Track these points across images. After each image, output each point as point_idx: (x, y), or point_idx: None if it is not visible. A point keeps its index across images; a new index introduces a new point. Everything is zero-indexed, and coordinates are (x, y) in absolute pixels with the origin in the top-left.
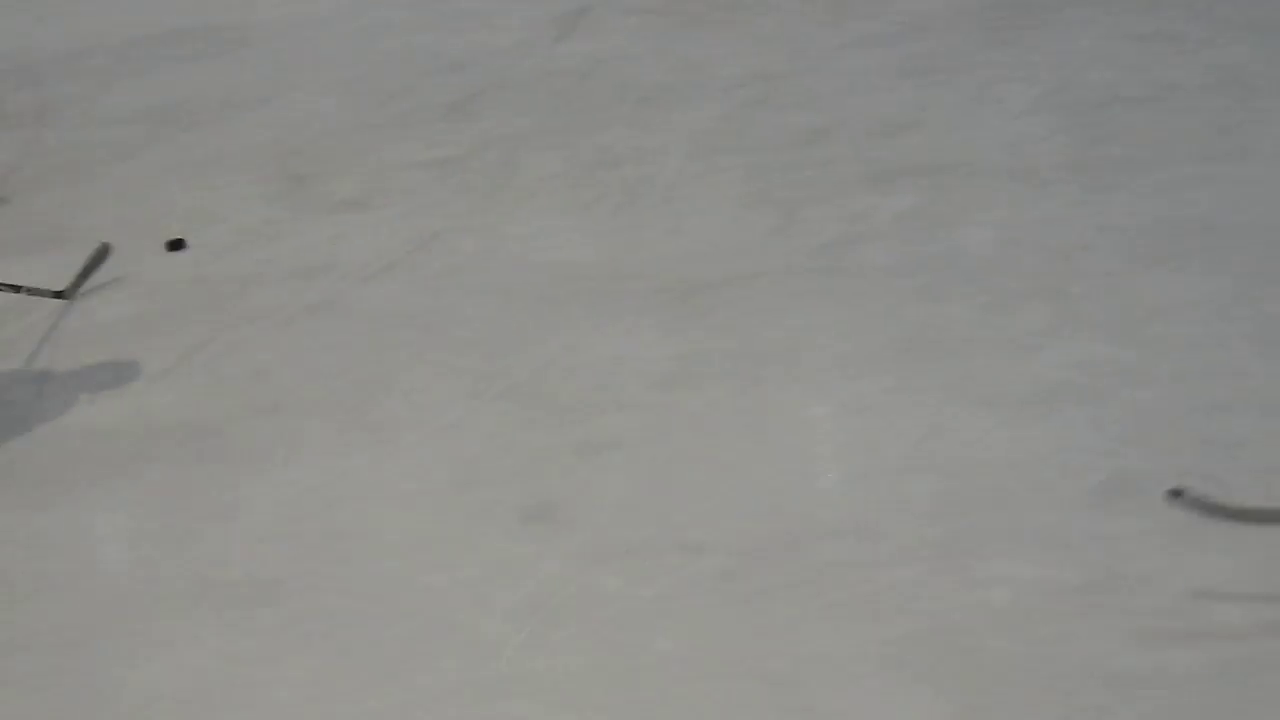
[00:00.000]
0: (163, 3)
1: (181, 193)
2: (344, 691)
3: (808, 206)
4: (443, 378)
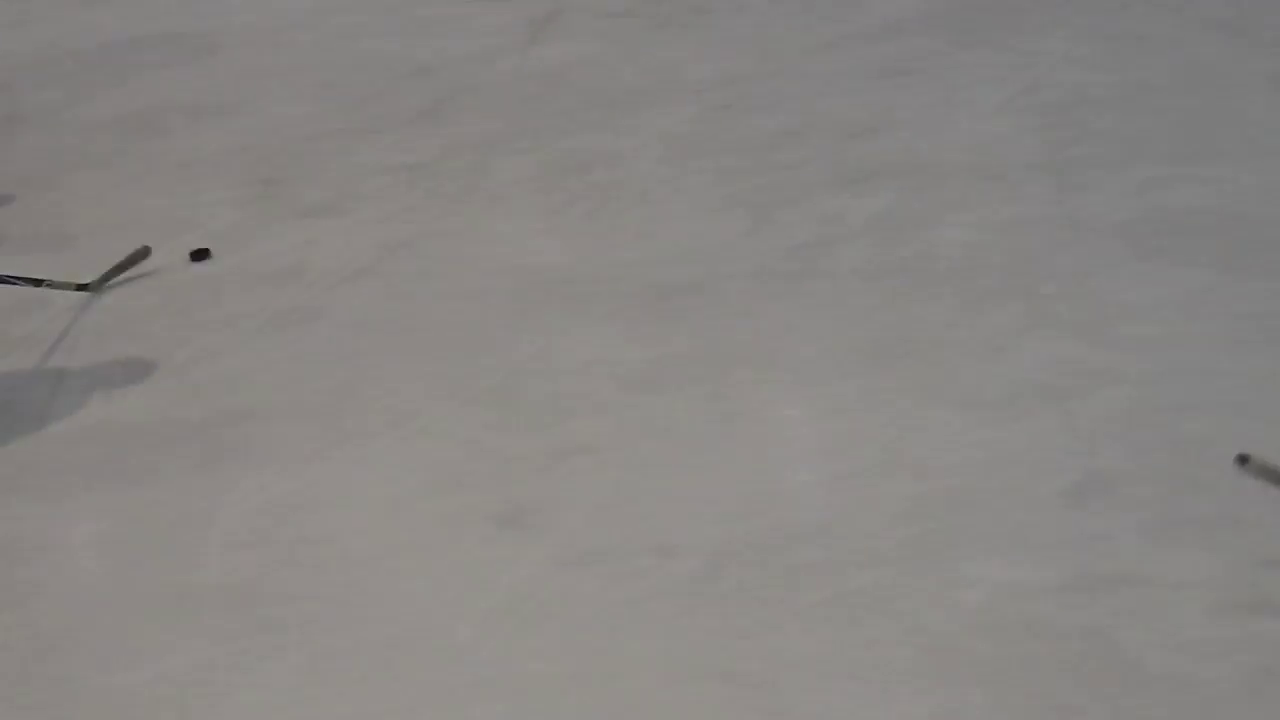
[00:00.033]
0: (130, 11)
1: (151, 199)
2: (318, 697)
3: (779, 209)
4: (414, 382)
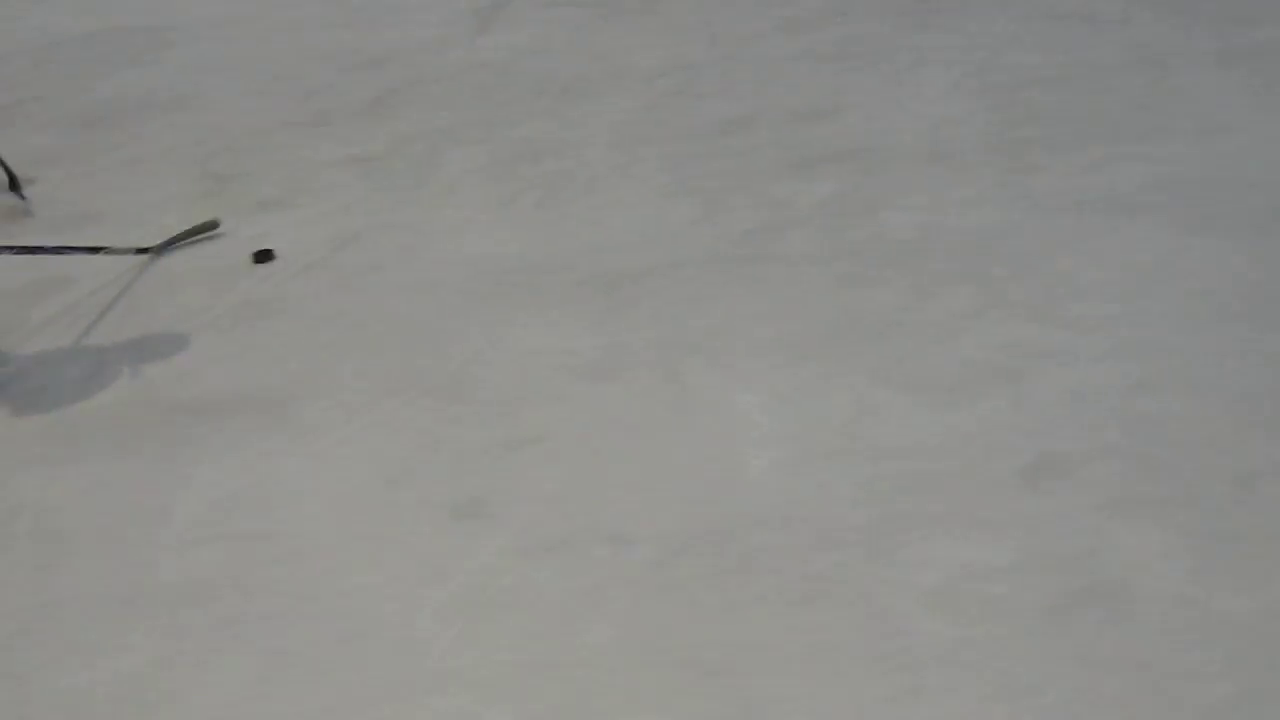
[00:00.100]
0: (80, 7)
1: (103, 194)
2: (277, 692)
3: (730, 195)
4: (367, 375)
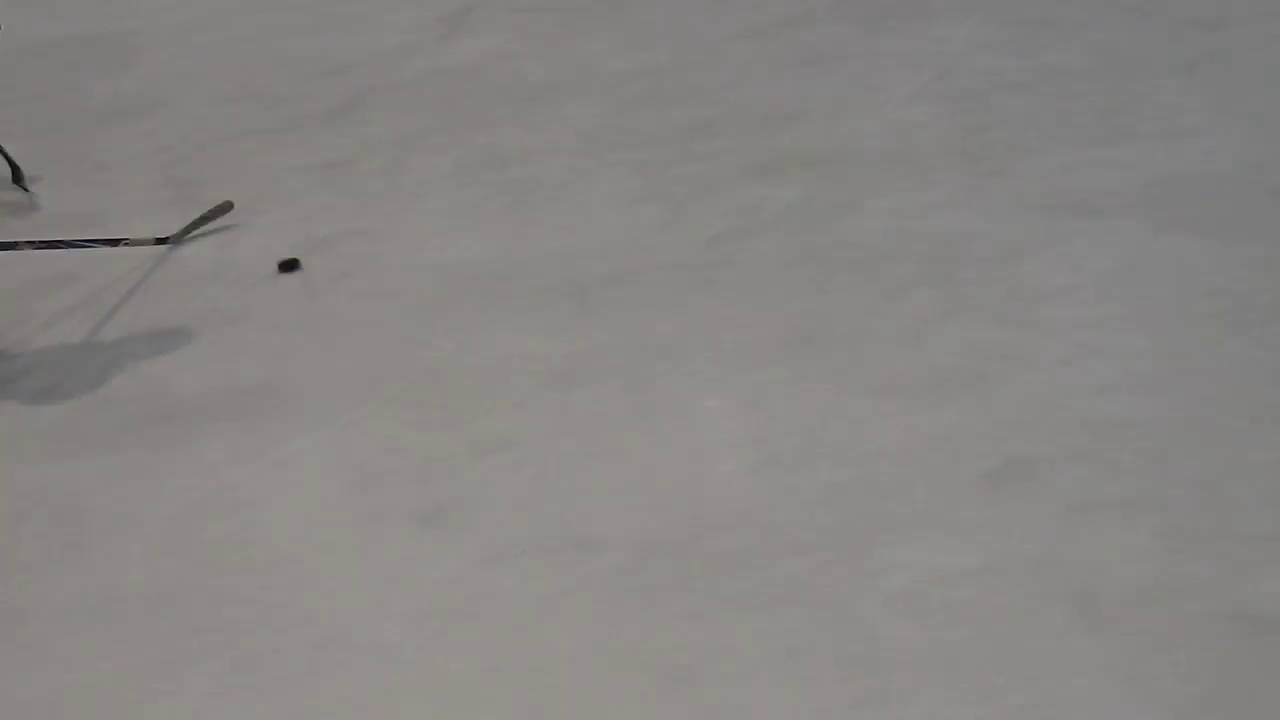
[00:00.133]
0: (44, 14)
1: (69, 202)
2: (244, 701)
3: (696, 200)
4: (334, 382)
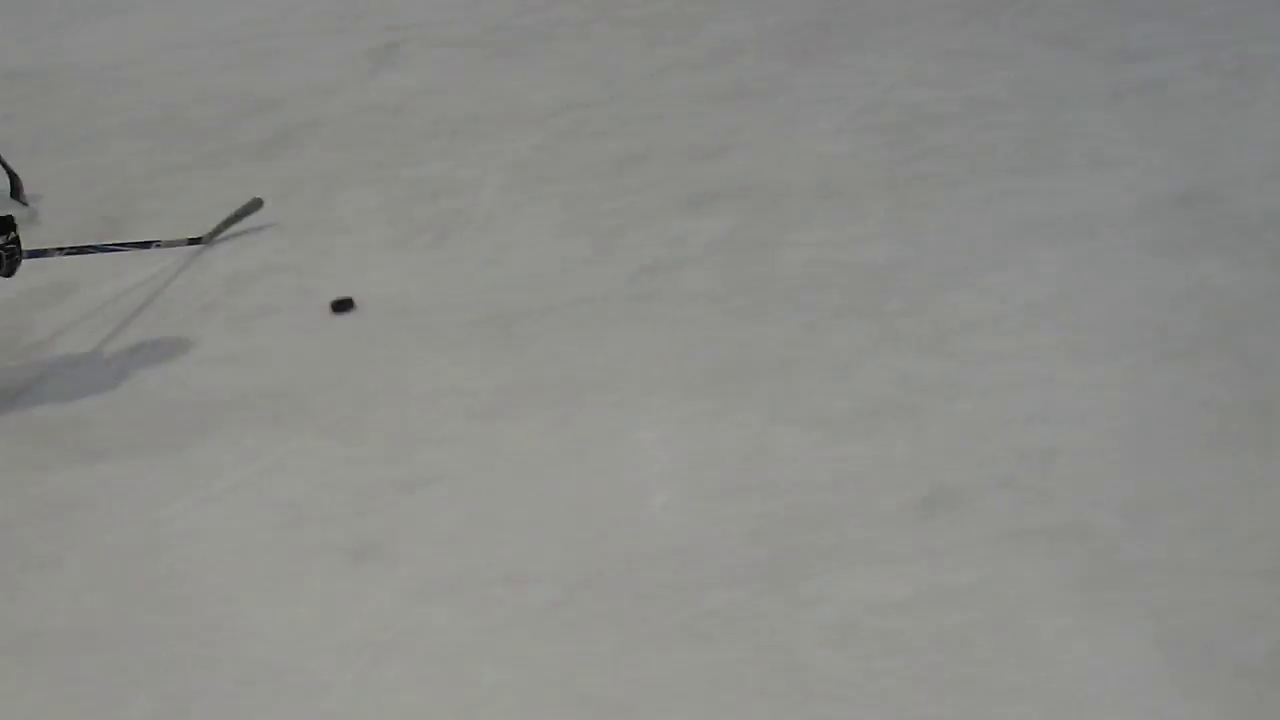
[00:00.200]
0: None
1: None
2: None
3: (625, 233)
4: (264, 417)
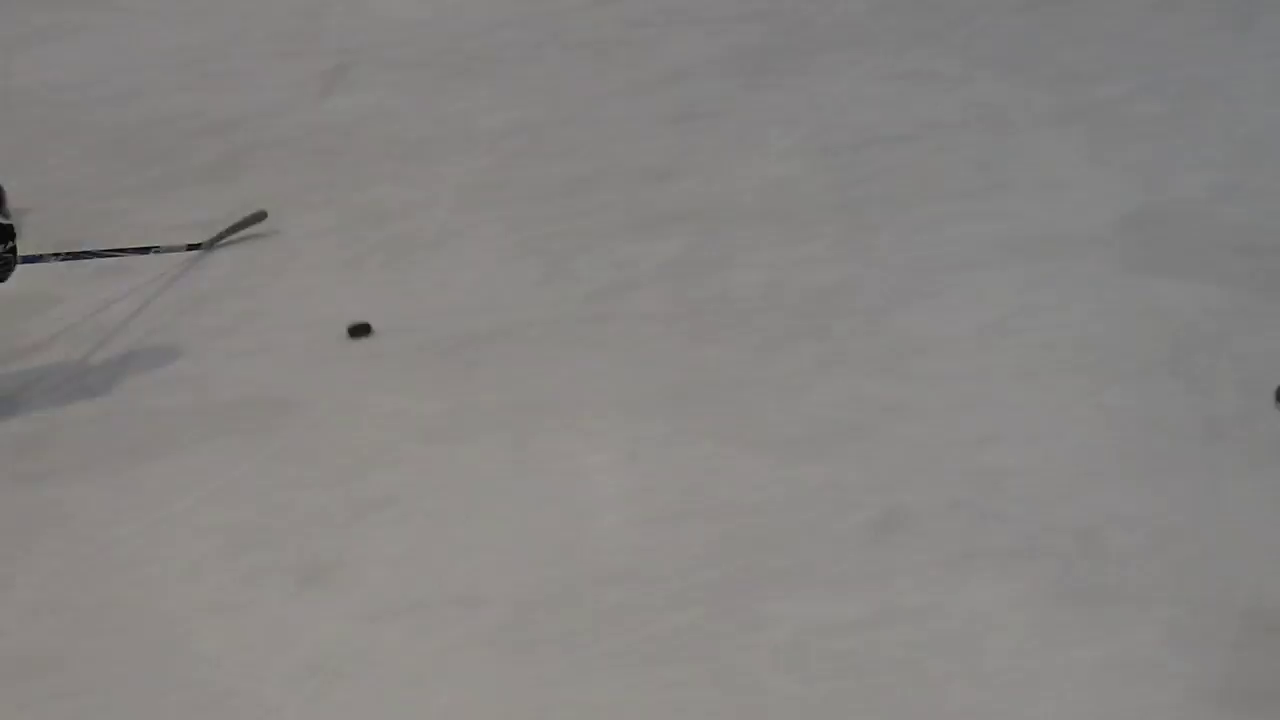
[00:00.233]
0: None
1: None
2: None
3: (575, 255)
4: (213, 441)
